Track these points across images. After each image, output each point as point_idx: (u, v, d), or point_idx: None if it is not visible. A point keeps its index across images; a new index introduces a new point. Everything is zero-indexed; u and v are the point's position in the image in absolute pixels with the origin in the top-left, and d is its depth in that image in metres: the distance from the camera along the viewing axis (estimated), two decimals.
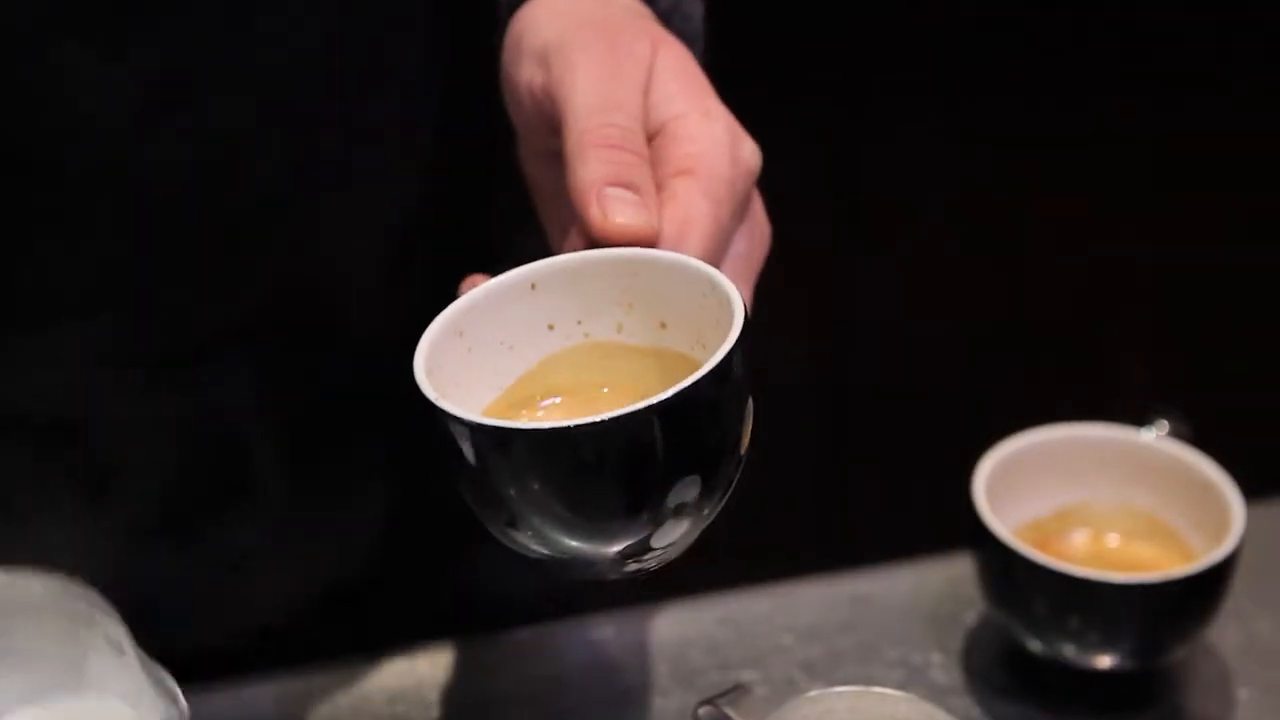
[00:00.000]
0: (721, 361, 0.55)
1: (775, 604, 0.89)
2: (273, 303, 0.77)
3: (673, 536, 0.58)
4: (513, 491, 0.56)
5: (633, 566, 0.59)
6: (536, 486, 0.55)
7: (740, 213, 0.65)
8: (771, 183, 0.68)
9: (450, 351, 0.60)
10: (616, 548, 0.57)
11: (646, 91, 0.65)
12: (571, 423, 0.54)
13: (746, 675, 0.84)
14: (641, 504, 0.56)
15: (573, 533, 0.56)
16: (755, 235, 0.66)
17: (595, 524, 0.56)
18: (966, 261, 1.89)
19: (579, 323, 0.62)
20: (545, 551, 0.58)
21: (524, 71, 0.67)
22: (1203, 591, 0.80)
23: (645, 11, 0.70)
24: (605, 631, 0.87)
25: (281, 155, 0.73)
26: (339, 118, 0.75)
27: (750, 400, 0.58)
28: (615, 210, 0.61)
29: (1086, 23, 1.84)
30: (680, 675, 0.84)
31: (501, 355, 0.62)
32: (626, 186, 0.62)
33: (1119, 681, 0.83)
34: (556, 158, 0.64)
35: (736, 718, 0.71)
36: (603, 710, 0.83)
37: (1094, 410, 0.88)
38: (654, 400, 0.54)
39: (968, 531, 0.82)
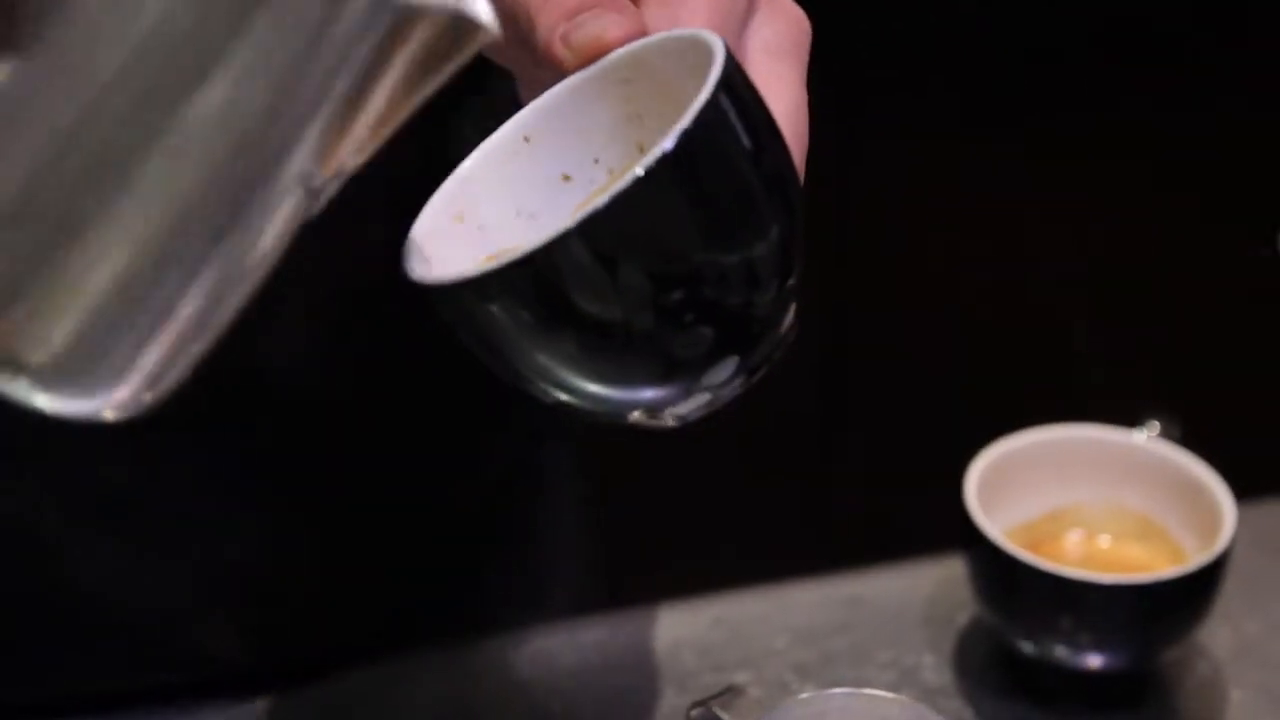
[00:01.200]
0: (683, 132, 0.47)
1: (768, 606, 0.89)
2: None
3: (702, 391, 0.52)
4: (543, 355, 0.50)
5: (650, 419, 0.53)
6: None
7: None
8: None
9: (455, 239, 0.53)
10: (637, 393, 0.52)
11: None
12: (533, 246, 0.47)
13: (739, 677, 0.84)
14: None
15: (592, 379, 0.51)
16: (782, 18, 0.56)
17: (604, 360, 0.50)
18: (958, 264, 1.89)
19: (596, 161, 0.54)
20: (565, 398, 0.52)
21: None
22: (1194, 592, 0.80)
23: None
24: (597, 633, 0.87)
25: None
26: None
27: (771, 184, 0.50)
28: (576, 36, 0.53)
29: (1086, 23, 1.84)
30: (673, 677, 0.84)
31: (523, 228, 0.54)
32: (581, 10, 0.53)
33: (1111, 682, 0.83)
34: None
35: None
36: (595, 713, 0.83)
37: (1085, 412, 0.88)
38: (581, 216, 0.47)
39: (960, 533, 0.83)
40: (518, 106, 0.56)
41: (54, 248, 0.42)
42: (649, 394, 0.51)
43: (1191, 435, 0.88)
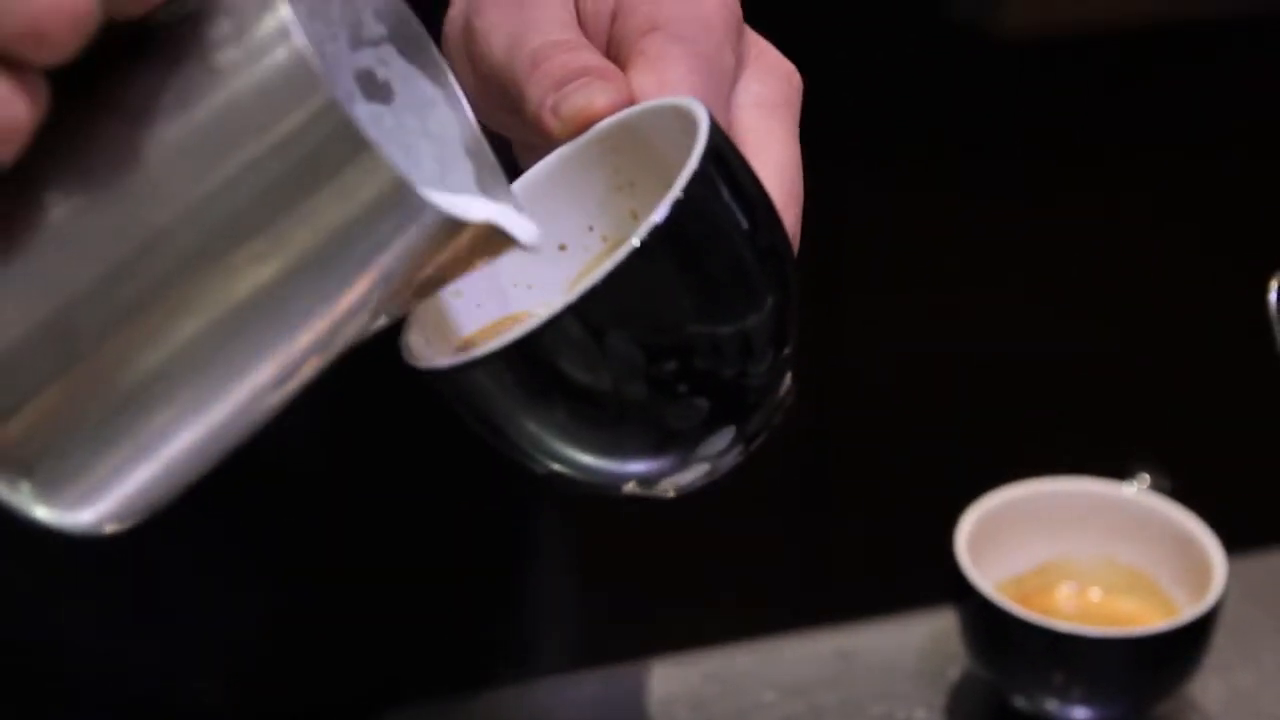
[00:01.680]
0: (670, 212, 0.47)
1: (759, 659, 0.89)
2: None
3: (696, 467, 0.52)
4: (531, 423, 0.50)
5: (643, 490, 0.53)
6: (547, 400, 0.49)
7: (729, 46, 0.55)
8: None
9: (453, 314, 0.54)
10: (632, 466, 0.51)
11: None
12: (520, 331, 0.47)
13: None
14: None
15: (585, 448, 0.51)
16: (773, 74, 0.56)
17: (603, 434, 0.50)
18: (948, 317, 1.90)
19: (590, 229, 0.55)
20: (559, 469, 0.52)
21: (463, 80, 0.58)
22: (1185, 645, 0.80)
23: None
24: (590, 689, 0.87)
25: None
26: None
27: (763, 266, 0.50)
28: (564, 107, 0.53)
29: (1085, 77, 1.85)
30: None
31: (522, 298, 0.55)
32: (569, 80, 0.53)
33: None
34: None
35: None
36: None
37: (1075, 464, 0.88)
38: (573, 298, 0.47)
39: (951, 586, 0.83)
40: (516, 170, 0.56)
41: (78, 367, 0.43)
42: (644, 465, 0.51)
43: (1181, 488, 0.88)
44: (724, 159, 0.49)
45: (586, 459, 0.51)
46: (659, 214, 0.47)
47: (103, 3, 0.40)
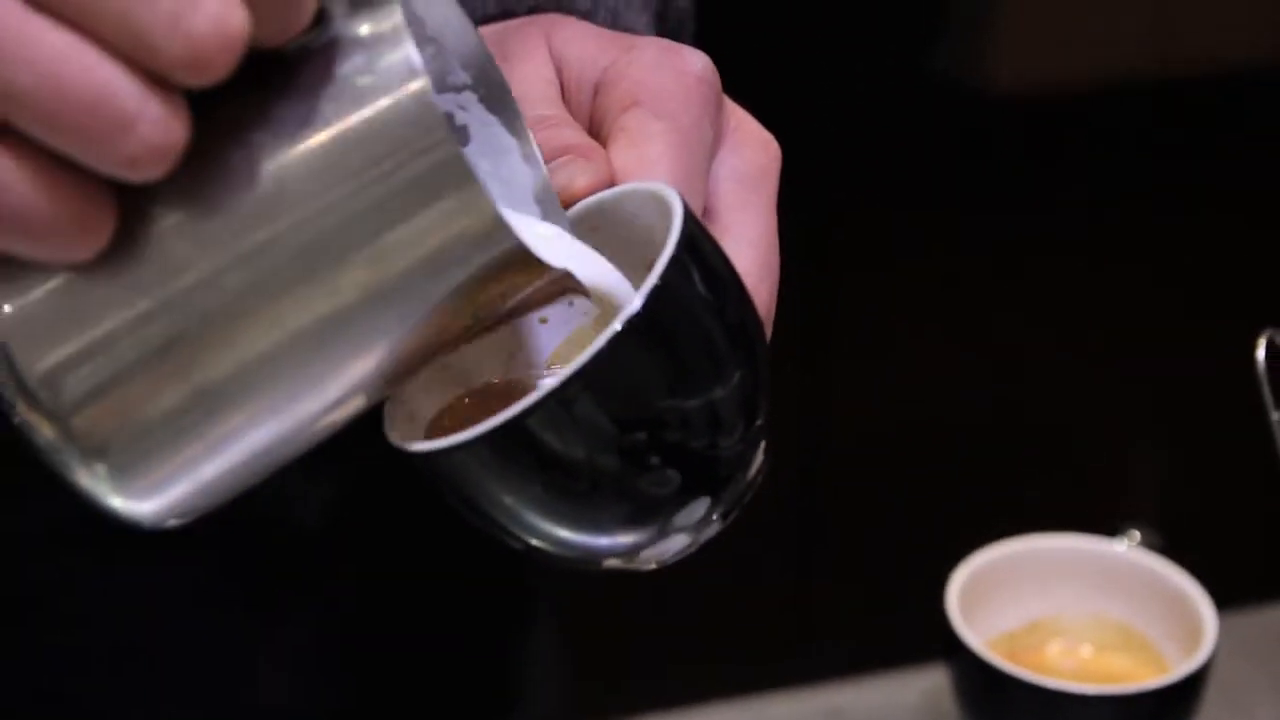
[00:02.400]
0: (643, 304, 0.48)
1: (749, 717, 0.88)
2: None
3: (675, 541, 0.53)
4: (509, 498, 0.51)
5: (624, 564, 0.54)
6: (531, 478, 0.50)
7: (708, 120, 0.56)
8: None
9: (435, 385, 0.55)
10: (610, 540, 0.53)
11: (559, 71, 0.59)
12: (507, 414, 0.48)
13: None
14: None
15: (564, 524, 0.52)
16: (750, 146, 0.57)
17: (581, 511, 0.52)
18: (936, 376, 1.90)
19: (570, 304, 0.56)
20: (537, 544, 0.53)
21: None
22: (1177, 702, 0.80)
23: (555, 17, 0.63)
24: None
25: None
26: None
27: (735, 342, 0.51)
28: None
29: (1073, 133, 1.86)
30: None
31: (502, 369, 0.56)
32: (551, 159, 0.54)
33: None
34: None
35: None
36: None
37: (1065, 521, 0.88)
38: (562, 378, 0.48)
39: (941, 643, 0.82)
40: None
41: (166, 364, 0.45)
42: (621, 538, 0.53)
43: (1172, 544, 0.88)
44: (697, 246, 0.51)
45: (563, 533, 0.52)
46: (636, 303, 0.49)
47: (251, 31, 0.42)
